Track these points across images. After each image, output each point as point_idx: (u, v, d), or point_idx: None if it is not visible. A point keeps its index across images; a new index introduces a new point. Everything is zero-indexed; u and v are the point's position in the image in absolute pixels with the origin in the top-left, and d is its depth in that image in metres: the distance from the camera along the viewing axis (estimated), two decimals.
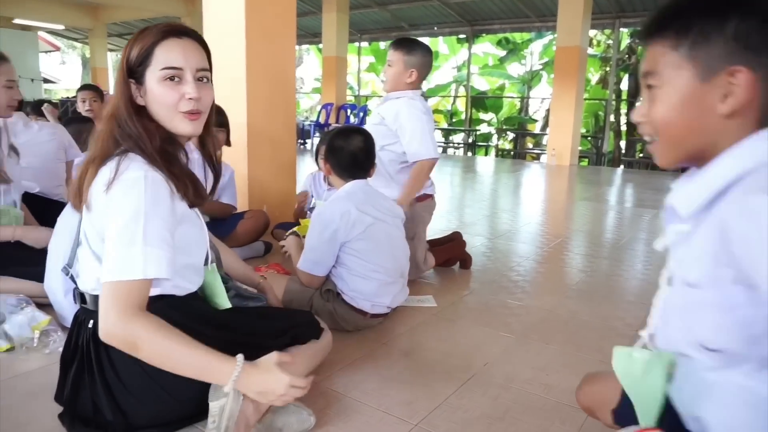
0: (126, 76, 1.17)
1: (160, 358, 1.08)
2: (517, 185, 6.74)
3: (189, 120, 1.20)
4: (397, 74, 2.46)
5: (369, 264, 1.91)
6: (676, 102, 0.76)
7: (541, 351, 1.85)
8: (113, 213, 1.09)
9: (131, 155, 1.14)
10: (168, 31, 1.17)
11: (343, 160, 1.97)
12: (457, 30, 12.52)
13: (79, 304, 1.24)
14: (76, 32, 16.09)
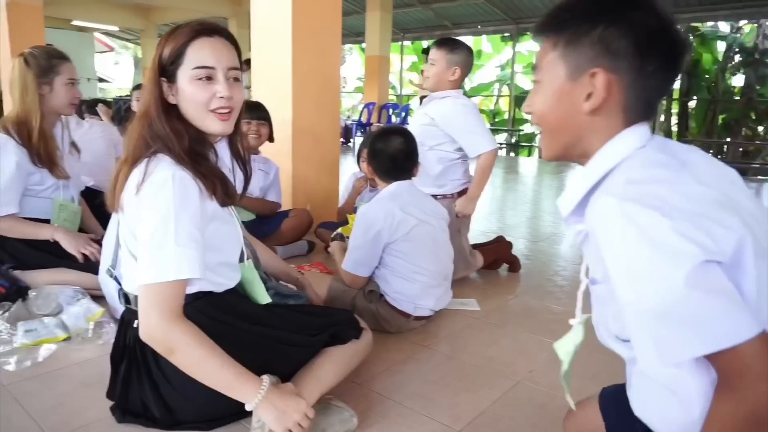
0: (158, 75, 1.18)
1: (192, 367, 1.11)
2: (560, 187, 6.59)
3: (220, 119, 1.21)
4: (440, 72, 2.45)
5: (412, 266, 1.90)
6: (549, 97, 0.82)
7: (588, 360, 1.79)
8: (144, 215, 1.11)
9: (159, 156, 1.15)
10: (200, 30, 1.18)
11: (383, 163, 1.96)
12: (501, 28, 12.33)
13: (124, 304, 1.27)
14: (128, 33, 16.68)
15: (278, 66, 3.21)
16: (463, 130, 2.43)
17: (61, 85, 2.11)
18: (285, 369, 1.31)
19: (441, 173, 2.52)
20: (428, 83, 2.49)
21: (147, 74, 1.20)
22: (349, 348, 1.43)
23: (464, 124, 2.43)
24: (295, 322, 1.38)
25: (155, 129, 1.17)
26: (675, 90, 12.30)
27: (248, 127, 2.70)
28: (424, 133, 2.44)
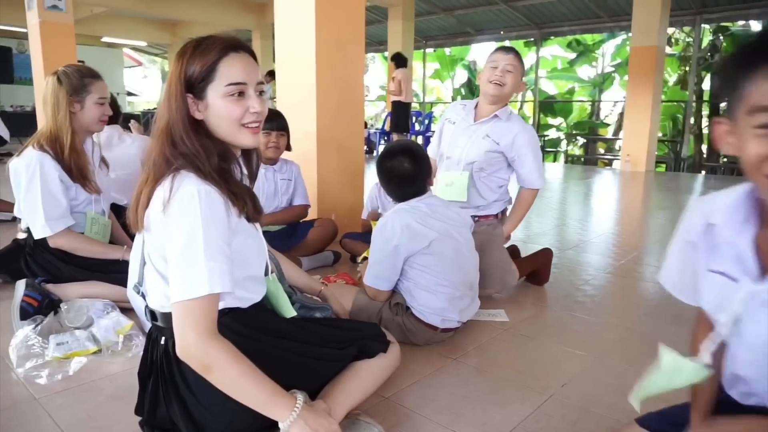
0: (184, 91, 1.17)
1: (228, 385, 1.10)
2: (588, 193, 6.47)
3: (252, 133, 1.22)
4: (516, 82, 2.34)
5: (435, 278, 1.86)
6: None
7: (623, 373, 1.74)
8: (172, 232, 1.10)
9: (183, 173, 1.14)
10: (228, 46, 1.18)
11: (393, 187, 1.94)
12: (524, 33, 12.24)
13: (150, 321, 1.27)
14: (156, 48, 17.08)
15: (302, 77, 3.22)
16: (530, 163, 2.39)
17: (92, 103, 2.16)
18: (312, 384, 1.30)
19: (492, 197, 2.48)
20: (503, 90, 2.34)
21: (168, 90, 1.19)
22: (376, 362, 1.41)
23: (533, 158, 2.40)
24: (322, 335, 1.37)
25: (181, 147, 1.16)
26: (705, 91, 12.03)
27: (268, 138, 2.69)
28: (487, 160, 2.38)
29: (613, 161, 11.29)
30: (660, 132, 10.60)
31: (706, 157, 11.90)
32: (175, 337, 1.10)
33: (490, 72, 2.35)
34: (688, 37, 12.09)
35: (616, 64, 13.61)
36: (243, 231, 1.22)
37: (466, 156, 2.42)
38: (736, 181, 3.85)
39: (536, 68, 12.74)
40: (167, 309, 1.21)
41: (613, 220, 4.62)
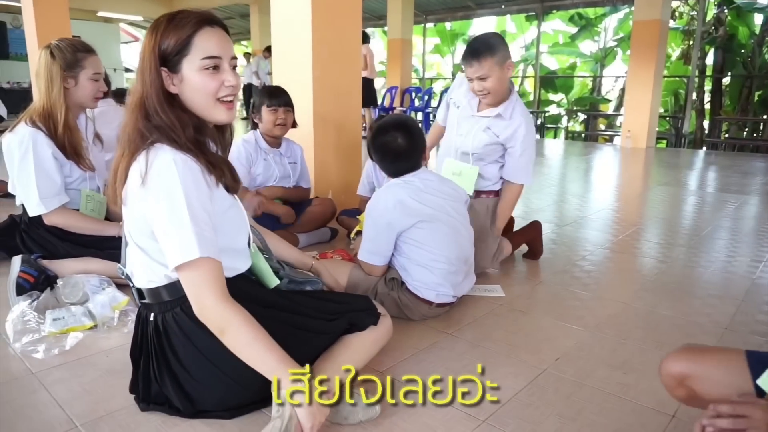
0: (158, 65, 1.17)
1: (241, 348, 1.13)
2: (588, 169, 6.44)
3: (227, 108, 1.23)
4: (499, 78, 2.21)
5: (429, 254, 1.86)
6: None
7: (617, 347, 1.75)
8: (154, 202, 1.11)
9: (158, 146, 1.15)
10: (203, 20, 1.19)
11: (387, 163, 1.92)
12: (526, 7, 12.04)
13: (139, 301, 1.28)
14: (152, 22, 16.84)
15: (298, 52, 3.18)
16: (524, 158, 2.37)
17: (86, 79, 2.13)
18: (303, 356, 1.30)
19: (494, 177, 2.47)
20: (490, 99, 2.29)
21: (142, 64, 1.18)
22: (368, 335, 1.42)
23: (528, 153, 2.37)
24: (312, 306, 1.38)
25: (155, 120, 1.17)
26: (708, 66, 11.89)
27: (275, 115, 2.64)
28: (486, 152, 2.38)
29: (613, 137, 11.21)
30: (661, 108, 10.50)
31: (708, 133, 11.82)
32: (191, 301, 1.12)
33: (471, 86, 2.30)
34: (693, 10, 11.89)
35: (619, 38, 13.40)
36: (223, 201, 1.23)
37: (467, 146, 2.41)
38: (737, 156, 3.84)
39: (537, 43, 12.56)
40: (154, 284, 1.21)
41: (612, 196, 4.61)
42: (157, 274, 1.21)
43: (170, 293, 1.22)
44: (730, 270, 2.57)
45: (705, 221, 3.59)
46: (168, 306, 1.22)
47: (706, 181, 5.71)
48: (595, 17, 13.25)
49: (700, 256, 2.78)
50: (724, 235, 3.23)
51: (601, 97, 13.89)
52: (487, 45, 2.19)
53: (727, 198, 4.41)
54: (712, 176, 5.96)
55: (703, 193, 4.91)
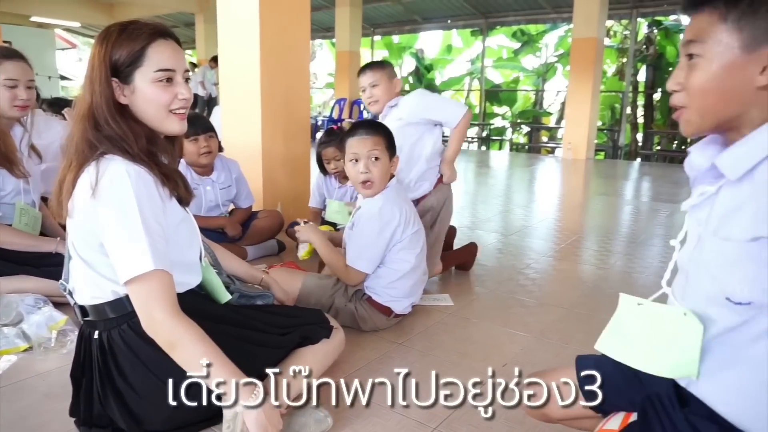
0: (109, 75, 1.15)
1: (190, 363, 1.10)
2: (531, 180, 6.67)
3: (179, 119, 1.22)
4: (386, 89, 2.45)
5: (409, 263, 1.91)
6: (717, 70, 0.78)
7: (560, 351, 1.82)
8: (106, 215, 1.09)
9: (108, 156, 1.13)
10: (157, 32, 1.18)
11: None
12: (471, 22, 12.40)
13: (81, 318, 1.23)
14: (92, 29, 16.23)
15: (246, 63, 3.15)
16: (436, 107, 2.46)
17: None
18: (255, 370, 1.29)
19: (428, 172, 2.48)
20: (378, 106, 2.47)
21: (91, 74, 1.15)
22: (320, 348, 1.42)
23: (432, 101, 2.48)
24: (264, 321, 1.37)
25: (106, 130, 1.14)
26: (640, 82, 12.58)
27: (197, 145, 2.49)
28: (403, 133, 2.38)
29: (555, 149, 11.65)
30: (599, 121, 11.02)
31: (642, 145, 12.49)
32: (140, 316, 1.09)
33: (363, 96, 2.53)
34: (626, 29, 12.57)
35: (559, 54, 13.99)
36: (175, 214, 1.21)
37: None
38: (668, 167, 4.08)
39: (482, 58, 12.94)
40: (99, 300, 1.17)
41: (554, 206, 4.79)
42: (102, 289, 1.17)
43: (115, 310, 1.18)
44: (661, 275, 2.71)
45: (640, 229, 3.79)
46: (114, 323, 1.18)
47: (640, 190, 6.02)
48: (537, 34, 13.78)
49: (636, 263, 2.93)
50: (657, 242, 3.42)
51: (544, 110, 14.42)
52: (377, 65, 2.51)
53: (660, 207, 4.67)
54: (646, 186, 6.30)
55: (638, 202, 5.18)
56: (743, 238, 0.76)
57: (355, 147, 1.85)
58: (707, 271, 0.82)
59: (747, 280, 0.76)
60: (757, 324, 0.77)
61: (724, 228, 0.79)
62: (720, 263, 0.80)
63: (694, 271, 0.86)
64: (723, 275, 0.79)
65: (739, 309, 0.77)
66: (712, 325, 0.82)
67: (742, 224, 0.76)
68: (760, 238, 0.74)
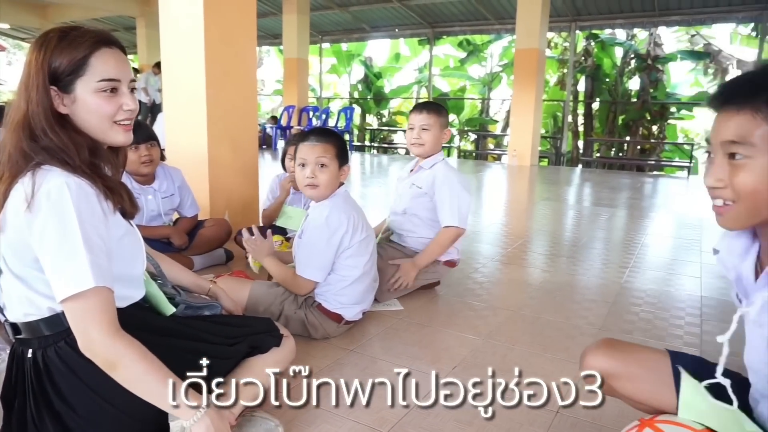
0: (47, 83, 1.09)
1: (134, 383, 1.06)
2: (479, 186, 6.82)
3: (124, 130, 1.18)
4: (436, 137, 2.40)
5: (358, 270, 1.92)
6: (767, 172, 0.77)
7: (507, 352, 1.87)
8: (43, 229, 1.03)
9: (46, 167, 1.07)
10: (100, 40, 1.13)
11: None
12: (417, 32, 12.61)
13: (13, 336, 1.16)
14: (23, 31, 15.45)
15: (190, 69, 3.09)
16: (446, 201, 2.35)
17: None
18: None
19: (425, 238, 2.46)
20: (421, 150, 2.41)
21: (27, 81, 1.09)
22: (270, 357, 1.40)
23: (448, 196, 2.35)
24: (210, 332, 1.33)
25: (44, 141, 1.08)
26: (580, 92, 13.12)
27: (137, 153, 2.41)
28: (418, 205, 2.41)
29: (502, 156, 11.97)
30: (543, 129, 11.41)
31: (582, 152, 13.01)
32: (77, 336, 1.04)
33: (409, 133, 2.45)
34: (565, 41, 13.10)
35: (503, 64, 14.41)
36: (118, 228, 1.16)
37: (401, 204, 2.49)
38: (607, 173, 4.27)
39: (430, 66, 13.18)
40: (32, 317, 1.11)
41: (501, 212, 4.91)
42: (37, 306, 1.11)
43: (51, 327, 1.12)
44: (602, 276, 2.84)
45: (582, 233, 3.95)
46: (50, 340, 1.12)
47: (582, 196, 6.27)
48: (482, 44, 14.15)
49: (578, 265, 3.05)
50: (597, 245, 3.57)
51: (490, 118, 14.81)
52: (436, 109, 2.42)
53: (600, 211, 4.88)
54: (587, 191, 6.56)
55: (580, 207, 5.39)
56: None
57: (303, 152, 1.87)
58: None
59: None
60: None
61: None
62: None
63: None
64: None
65: None
66: None
67: None
68: None
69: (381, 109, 16.00)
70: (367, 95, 15.49)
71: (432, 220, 2.43)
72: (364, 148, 14.02)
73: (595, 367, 1.07)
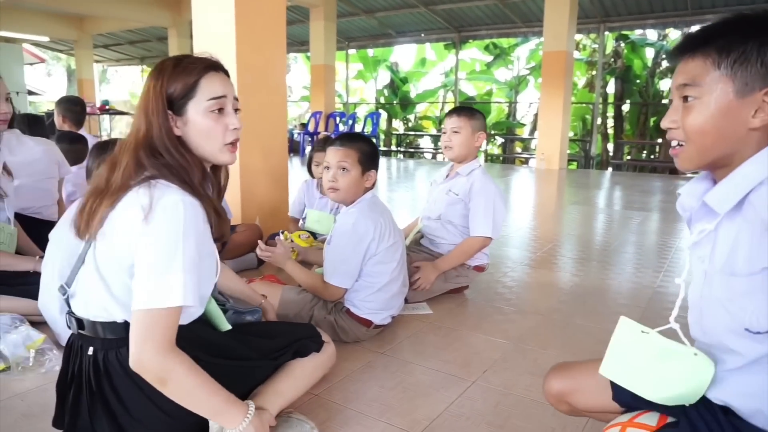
0: (165, 107, 1.17)
1: (183, 397, 1.11)
2: (506, 190, 6.78)
3: (231, 151, 1.25)
4: (466, 139, 2.40)
5: (387, 276, 1.93)
6: (713, 113, 0.84)
7: (538, 357, 1.87)
8: (152, 239, 1.08)
9: (163, 182, 1.13)
10: (209, 66, 1.22)
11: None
12: (444, 36, 12.60)
13: (76, 330, 1.21)
14: (61, 44, 16.00)
15: None
16: (479, 210, 2.36)
17: None
18: (248, 386, 1.31)
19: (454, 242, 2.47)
20: (452, 153, 2.43)
21: (147, 105, 1.17)
22: (310, 361, 1.43)
23: (484, 206, 2.36)
24: (261, 349, 1.37)
25: (165, 160, 1.16)
26: (610, 94, 12.92)
27: None
28: (453, 212, 2.43)
29: (529, 159, 11.86)
30: (571, 132, 11.28)
31: (612, 155, 12.79)
32: (132, 346, 1.07)
33: (443, 137, 2.47)
34: (594, 43, 12.93)
35: (531, 67, 14.30)
36: (210, 250, 1.22)
37: (436, 209, 2.51)
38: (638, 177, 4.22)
39: (456, 70, 13.15)
40: (102, 318, 1.16)
41: (530, 215, 4.87)
42: (109, 311, 1.15)
43: (117, 332, 1.16)
44: (634, 281, 2.80)
45: (613, 237, 3.89)
46: (113, 344, 1.16)
47: (612, 199, 6.17)
48: (509, 47, 14.08)
49: (609, 269, 3.01)
50: (629, 249, 3.51)
51: (517, 122, 14.69)
52: (468, 112, 2.43)
53: (632, 215, 4.80)
54: (618, 195, 6.46)
55: (610, 210, 5.31)
56: (747, 271, 0.81)
57: (328, 156, 1.93)
58: (721, 305, 0.86)
59: (761, 310, 0.80)
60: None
61: (727, 264, 0.84)
62: (731, 297, 0.84)
63: (708, 306, 0.90)
64: (736, 308, 0.83)
65: (760, 338, 0.81)
66: (736, 355, 0.86)
67: (743, 259, 0.81)
68: (763, 269, 0.78)
69: (407, 114, 16.04)
70: (393, 100, 15.54)
71: (466, 227, 2.43)
72: (391, 153, 14.06)
73: (551, 392, 1.16)
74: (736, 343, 0.85)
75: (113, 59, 18.43)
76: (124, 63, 19.04)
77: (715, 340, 0.89)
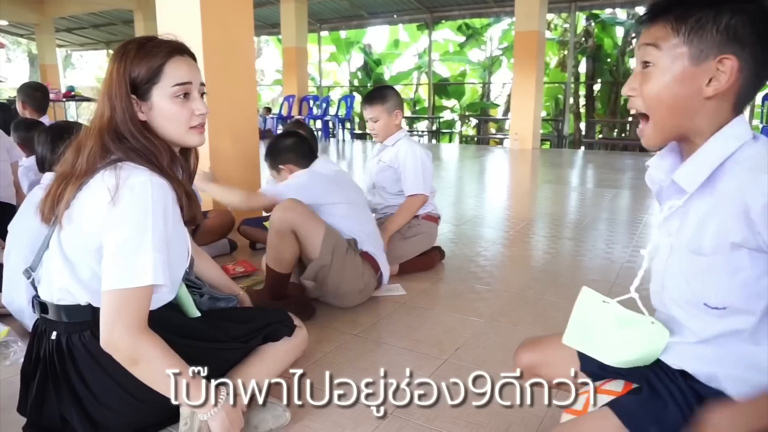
0: (129, 92, 1.15)
1: (153, 379, 1.10)
2: (481, 171, 6.82)
3: (198, 132, 1.23)
4: (386, 123, 2.58)
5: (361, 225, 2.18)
6: (669, 80, 0.84)
7: (510, 334, 1.90)
8: (119, 220, 1.06)
9: (129, 164, 1.11)
10: (174, 49, 1.19)
11: (305, 149, 2.19)
12: (416, 17, 12.52)
13: (39, 313, 1.20)
14: (21, 27, 15.42)
15: None
16: (409, 171, 2.54)
17: None
18: (218, 370, 1.30)
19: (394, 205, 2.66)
20: (380, 137, 2.62)
21: (110, 89, 1.14)
22: (281, 346, 1.43)
23: (412, 167, 2.54)
24: (230, 332, 1.36)
25: (131, 144, 1.14)
26: (581, 74, 13.03)
27: None
28: (387, 178, 2.62)
29: (503, 140, 11.94)
30: (544, 111, 11.37)
31: (585, 134, 12.95)
32: (102, 327, 1.06)
33: (368, 125, 2.68)
34: (565, 23, 12.99)
35: (503, 47, 14.31)
36: (180, 232, 1.20)
37: (369, 179, 2.74)
38: (610, 155, 4.30)
39: (429, 52, 13.09)
40: (65, 302, 1.14)
41: (504, 195, 4.92)
42: (74, 294, 1.13)
43: (80, 315, 1.14)
44: (604, 256, 2.86)
45: (584, 214, 3.96)
46: (76, 327, 1.15)
47: (584, 177, 6.26)
48: (481, 27, 14.04)
49: (581, 246, 3.06)
50: (600, 225, 3.58)
51: (491, 102, 14.73)
52: (377, 94, 2.59)
53: (603, 192, 4.88)
54: (590, 173, 6.55)
55: (583, 188, 5.39)
56: (712, 250, 0.82)
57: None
58: (683, 279, 0.88)
59: (721, 289, 0.83)
60: (733, 323, 0.84)
61: (693, 241, 0.85)
62: (693, 273, 0.86)
63: (670, 278, 0.92)
64: (698, 284, 0.85)
65: (717, 313, 0.84)
66: (694, 325, 0.88)
67: (710, 237, 0.82)
68: (729, 245, 0.80)
69: None
70: (367, 83, 15.42)
71: (399, 191, 2.61)
72: (365, 136, 14.00)
73: (521, 365, 1.19)
74: (694, 315, 0.88)
75: (77, 44, 17.86)
76: (89, 47, 18.48)
77: (675, 311, 0.92)
